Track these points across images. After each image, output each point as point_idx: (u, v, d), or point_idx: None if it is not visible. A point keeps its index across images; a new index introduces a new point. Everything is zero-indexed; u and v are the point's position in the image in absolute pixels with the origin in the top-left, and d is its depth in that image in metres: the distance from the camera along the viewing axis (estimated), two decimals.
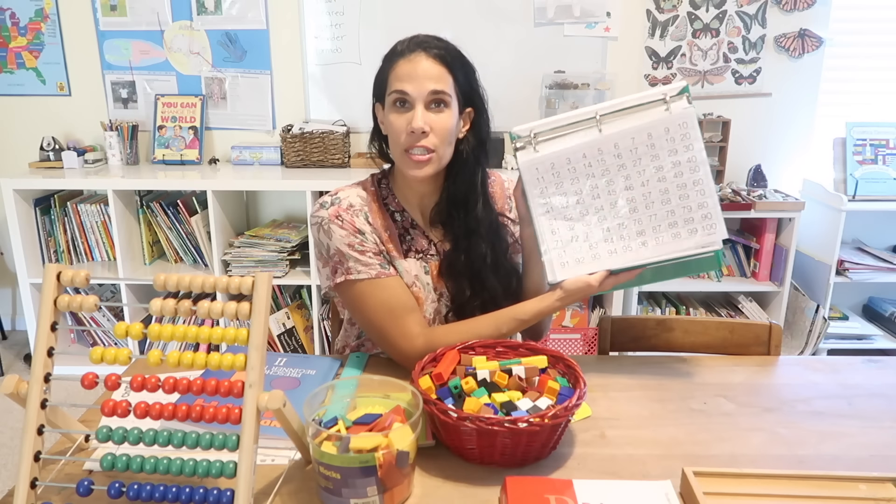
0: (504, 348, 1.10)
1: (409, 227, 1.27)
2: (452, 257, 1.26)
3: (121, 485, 0.79)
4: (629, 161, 1.11)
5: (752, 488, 0.84)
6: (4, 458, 2.27)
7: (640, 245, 1.10)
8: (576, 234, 1.13)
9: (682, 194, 1.08)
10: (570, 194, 1.13)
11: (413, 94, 1.13)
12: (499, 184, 1.36)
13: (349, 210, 1.20)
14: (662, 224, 1.09)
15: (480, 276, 1.25)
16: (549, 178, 1.14)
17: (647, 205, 1.10)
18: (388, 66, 1.17)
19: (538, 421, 0.87)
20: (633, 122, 1.10)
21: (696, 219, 1.07)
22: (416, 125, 1.12)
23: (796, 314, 2.83)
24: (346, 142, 2.80)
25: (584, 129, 1.12)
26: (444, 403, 0.91)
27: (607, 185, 1.12)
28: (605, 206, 1.12)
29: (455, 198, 1.24)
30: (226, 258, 2.68)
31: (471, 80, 1.21)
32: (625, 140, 1.10)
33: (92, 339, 2.93)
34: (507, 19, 2.79)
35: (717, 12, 2.79)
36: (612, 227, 1.12)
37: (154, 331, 0.82)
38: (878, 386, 1.15)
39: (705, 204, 1.07)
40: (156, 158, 2.88)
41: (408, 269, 1.24)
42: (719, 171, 2.92)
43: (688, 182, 1.08)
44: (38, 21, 2.84)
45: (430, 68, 1.14)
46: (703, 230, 1.07)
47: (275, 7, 2.80)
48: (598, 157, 1.12)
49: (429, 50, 1.15)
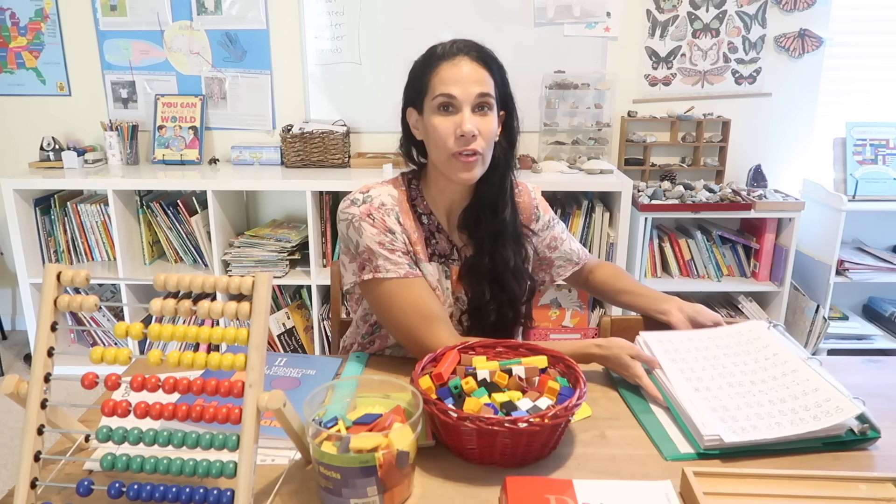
0: (504, 348, 1.10)
1: (434, 231, 1.27)
2: (475, 260, 1.27)
3: (121, 485, 0.79)
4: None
5: (752, 488, 0.84)
6: (4, 458, 2.27)
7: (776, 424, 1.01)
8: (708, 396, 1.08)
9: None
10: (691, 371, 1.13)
11: (460, 97, 1.13)
12: (525, 193, 1.38)
13: (381, 209, 1.20)
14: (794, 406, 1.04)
15: (502, 280, 1.26)
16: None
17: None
18: (429, 70, 1.17)
19: (538, 421, 0.87)
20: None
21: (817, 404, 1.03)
22: (466, 128, 1.12)
23: (796, 314, 2.83)
24: (346, 142, 2.80)
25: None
26: (444, 403, 0.91)
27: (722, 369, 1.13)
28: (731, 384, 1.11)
29: (486, 201, 1.25)
30: (226, 258, 2.68)
31: (506, 82, 1.22)
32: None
33: (92, 339, 2.93)
34: (507, 19, 2.79)
35: (717, 12, 2.79)
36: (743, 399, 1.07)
37: (154, 331, 0.82)
38: (878, 386, 1.15)
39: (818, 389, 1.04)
40: (156, 158, 2.88)
41: (431, 272, 1.25)
42: (719, 172, 2.93)
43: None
44: (38, 21, 2.84)
45: (474, 71, 1.14)
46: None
47: (275, 7, 2.80)
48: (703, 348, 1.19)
49: (470, 53, 1.16)
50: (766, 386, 1.07)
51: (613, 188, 2.60)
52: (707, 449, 0.96)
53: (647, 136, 2.89)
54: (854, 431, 0.97)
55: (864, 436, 0.96)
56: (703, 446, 0.96)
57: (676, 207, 2.65)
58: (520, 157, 2.79)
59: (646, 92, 2.89)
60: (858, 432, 0.96)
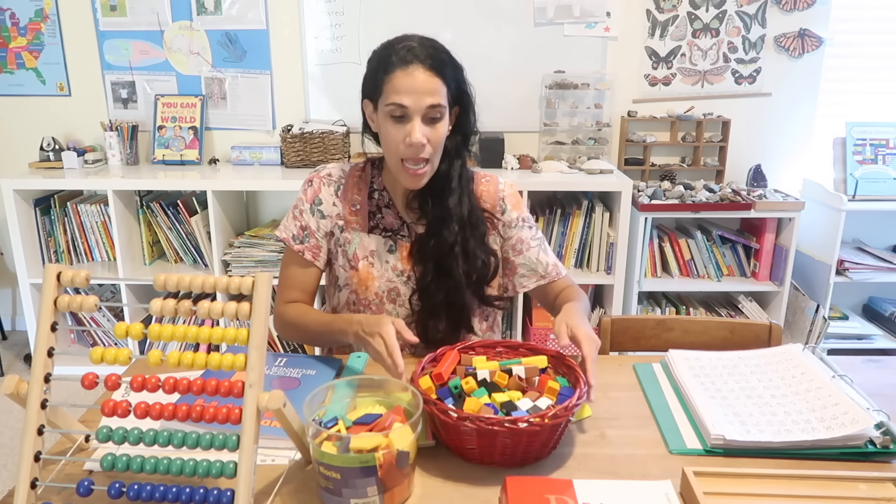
0: (504, 348, 1.10)
1: (382, 206, 1.34)
2: (423, 241, 1.31)
3: (121, 485, 0.79)
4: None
5: (752, 488, 0.84)
6: (4, 458, 2.27)
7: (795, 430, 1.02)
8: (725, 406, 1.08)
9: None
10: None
11: (412, 108, 1.17)
12: (493, 184, 1.38)
13: (326, 178, 1.34)
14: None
15: (446, 263, 1.29)
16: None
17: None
18: (383, 74, 1.19)
19: (538, 421, 0.87)
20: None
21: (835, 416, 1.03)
22: (415, 139, 1.18)
23: (796, 314, 2.83)
24: (345, 142, 2.80)
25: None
26: (444, 403, 0.91)
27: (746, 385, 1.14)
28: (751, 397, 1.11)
29: (432, 187, 1.28)
30: (226, 258, 2.68)
31: (460, 81, 1.24)
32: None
33: (92, 340, 2.93)
34: (507, 19, 2.79)
35: (716, 12, 2.79)
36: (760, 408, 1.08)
37: (154, 331, 0.82)
38: (878, 386, 1.15)
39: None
40: (156, 158, 2.88)
41: (366, 243, 1.33)
42: (719, 171, 2.93)
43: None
44: (38, 21, 2.84)
45: (427, 81, 1.17)
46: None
47: (275, 7, 2.80)
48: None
49: (425, 62, 1.17)
50: (786, 399, 1.07)
51: (613, 188, 2.60)
52: (713, 447, 0.96)
53: (647, 136, 2.89)
54: (875, 444, 0.96)
55: (885, 449, 0.95)
56: (709, 444, 0.97)
57: (676, 207, 2.65)
58: (520, 156, 2.80)
59: (646, 92, 2.89)
60: (880, 445, 0.96)
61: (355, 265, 1.33)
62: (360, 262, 1.33)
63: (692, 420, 1.04)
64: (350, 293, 1.36)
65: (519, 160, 2.79)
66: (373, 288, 1.33)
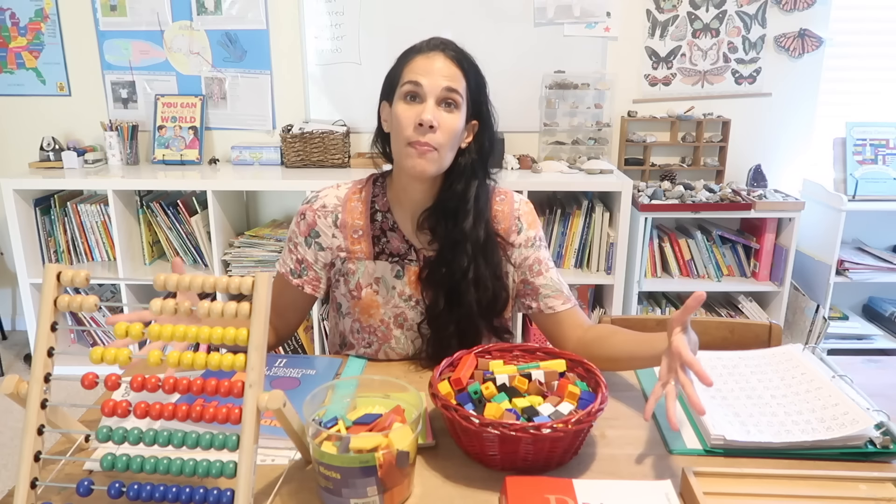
0: (521, 352, 1.08)
1: (387, 230, 1.25)
2: (433, 266, 1.23)
3: (121, 485, 0.79)
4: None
5: (752, 488, 0.84)
6: (4, 458, 2.27)
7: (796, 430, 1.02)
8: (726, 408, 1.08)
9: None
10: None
11: (426, 87, 1.12)
12: (507, 202, 1.29)
13: (320, 210, 1.26)
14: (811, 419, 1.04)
15: (458, 290, 1.21)
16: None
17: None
18: (403, 62, 1.17)
19: (562, 427, 0.86)
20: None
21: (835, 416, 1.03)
22: (425, 117, 1.10)
23: (796, 314, 2.83)
24: (346, 142, 2.80)
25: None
26: (465, 409, 0.89)
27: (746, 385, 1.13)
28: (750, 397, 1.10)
29: (446, 207, 1.21)
30: (226, 258, 2.68)
31: (481, 91, 1.20)
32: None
33: (92, 339, 2.93)
34: (507, 19, 2.79)
35: (717, 12, 2.79)
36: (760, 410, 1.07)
37: (154, 331, 0.82)
38: (878, 386, 1.15)
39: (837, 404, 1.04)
40: (156, 158, 2.88)
41: (371, 270, 1.25)
42: (719, 172, 2.93)
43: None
44: (38, 21, 2.84)
45: (446, 67, 1.14)
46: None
47: (275, 7, 2.80)
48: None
49: (447, 51, 1.15)
50: (786, 400, 1.07)
51: (613, 188, 2.60)
52: (713, 447, 0.96)
53: (647, 136, 2.89)
54: (875, 444, 0.96)
55: (885, 449, 0.95)
56: (709, 444, 0.96)
57: (676, 207, 2.65)
58: (520, 156, 2.80)
59: (646, 92, 2.89)
60: (880, 445, 0.95)
61: (357, 295, 1.26)
62: (364, 290, 1.26)
63: (692, 420, 1.04)
64: (353, 321, 1.30)
65: (519, 160, 2.79)
66: (377, 315, 1.27)
